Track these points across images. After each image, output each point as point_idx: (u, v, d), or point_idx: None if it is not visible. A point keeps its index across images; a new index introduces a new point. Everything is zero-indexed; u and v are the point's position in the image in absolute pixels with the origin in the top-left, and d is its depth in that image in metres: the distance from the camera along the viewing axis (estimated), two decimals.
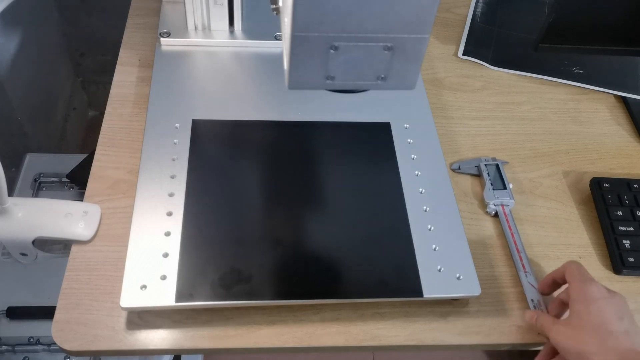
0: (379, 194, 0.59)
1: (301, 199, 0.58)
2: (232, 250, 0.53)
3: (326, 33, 0.34)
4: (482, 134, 0.70)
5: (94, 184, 0.59)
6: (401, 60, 0.37)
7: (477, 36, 0.83)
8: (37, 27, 1.06)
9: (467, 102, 0.74)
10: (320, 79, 0.37)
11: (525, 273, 0.57)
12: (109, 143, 0.63)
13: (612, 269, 0.60)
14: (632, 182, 0.64)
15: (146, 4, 0.79)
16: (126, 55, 0.72)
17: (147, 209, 0.55)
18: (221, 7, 0.69)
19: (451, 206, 0.59)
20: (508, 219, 0.61)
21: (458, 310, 0.55)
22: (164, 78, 0.66)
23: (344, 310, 0.53)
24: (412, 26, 0.35)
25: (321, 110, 0.66)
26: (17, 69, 0.95)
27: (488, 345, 0.53)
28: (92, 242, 0.55)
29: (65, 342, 0.49)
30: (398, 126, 0.65)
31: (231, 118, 0.64)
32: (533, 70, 0.79)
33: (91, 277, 0.53)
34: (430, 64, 0.79)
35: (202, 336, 0.51)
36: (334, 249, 0.54)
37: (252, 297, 0.50)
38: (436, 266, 0.54)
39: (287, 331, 0.52)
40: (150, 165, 0.58)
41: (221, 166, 0.59)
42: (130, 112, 0.66)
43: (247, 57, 0.71)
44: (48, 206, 0.56)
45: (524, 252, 0.58)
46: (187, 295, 0.49)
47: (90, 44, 1.22)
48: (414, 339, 0.52)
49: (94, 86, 1.33)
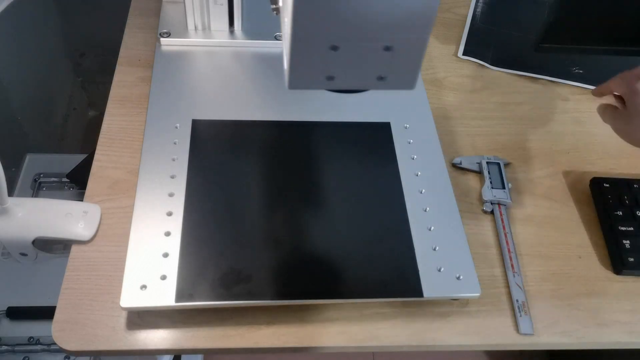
0: (379, 194, 0.59)
1: (301, 199, 0.58)
2: (232, 250, 0.53)
3: (326, 33, 0.34)
4: (482, 134, 0.70)
5: (94, 184, 0.59)
6: (401, 60, 0.37)
7: (477, 36, 0.83)
8: (37, 27, 1.06)
9: (467, 102, 0.74)
10: (320, 79, 0.37)
11: (513, 273, 0.57)
12: (109, 143, 0.63)
13: (612, 269, 0.60)
14: (632, 182, 0.64)
15: (146, 4, 0.79)
16: (126, 55, 0.72)
17: (147, 209, 0.55)
18: (221, 7, 0.69)
19: (451, 206, 0.59)
20: (503, 219, 0.61)
21: (458, 310, 0.55)
22: (164, 78, 0.67)
23: (344, 310, 0.53)
24: (412, 26, 0.35)
25: (321, 110, 0.66)
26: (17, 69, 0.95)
27: (488, 345, 0.53)
28: (92, 242, 0.55)
29: (65, 342, 0.49)
30: (398, 126, 0.65)
31: (231, 118, 0.64)
32: (533, 71, 0.79)
33: (91, 277, 0.53)
34: (430, 64, 0.79)
35: (202, 336, 0.51)
36: (334, 249, 0.54)
37: (252, 297, 0.50)
38: (436, 266, 0.54)
39: (287, 331, 0.52)
40: (150, 165, 0.58)
41: (221, 166, 0.59)
42: (130, 112, 0.66)
43: (247, 57, 0.71)
44: (48, 206, 0.56)
45: (514, 252, 0.59)
46: (187, 295, 0.49)
47: (90, 44, 1.22)
48: (414, 339, 0.52)
49: (94, 86, 1.33)
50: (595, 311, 0.56)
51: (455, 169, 0.66)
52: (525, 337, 0.54)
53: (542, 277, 0.58)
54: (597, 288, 0.58)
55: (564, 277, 0.59)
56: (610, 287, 0.58)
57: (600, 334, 0.55)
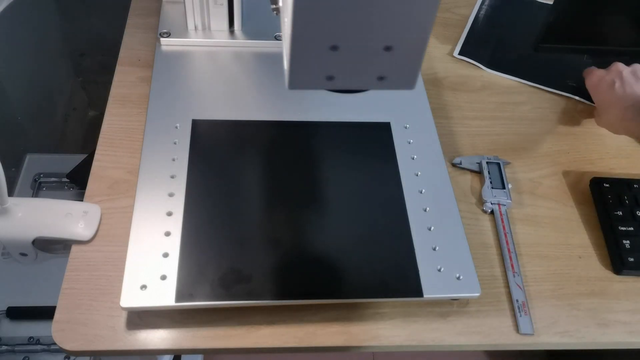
0: (379, 194, 0.59)
1: (301, 199, 0.58)
2: (232, 250, 0.53)
3: (326, 33, 0.34)
4: (482, 134, 0.70)
5: (94, 184, 0.59)
6: (401, 60, 0.36)
7: (476, 37, 0.83)
8: (37, 27, 1.06)
9: (467, 102, 0.74)
10: (320, 79, 0.37)
11: (513, 273, 0.57)
12: (109, 143, 0.63)
13: (612, 269, 0.60)
14: (632, 182, 0.64)
15: (146, 4, 0.79)
16: (126, 55, 0.72)
17: (147, 209, 0.55)
18: (221, 7, 0.69)
19: (451, 206, 0.59)
20: (503, 219, 0.61)
21: (458, 310, 0.55)
22: (164, 78, 0.66)
23: (344, 310, 0.53)
24: (412, 26, 0.35)
25: (321, 110, 0.66)
26: (17, 69, 0.95)
27: (488, 345, 0.53)
28: (92, 242, 0.55)
29: (65, 342, 0.49)
30: (398, 126, 0.65)
31: (231, 118, 0.64)
32: (528, 78, 0.78)
33: (91, 277, 0.53)
34: (430, 64, 0.79)
35: (202, 336, 0.51)
36: (334, 249, 0.54)
37: (252, 297, 0.50)
38: (436, 266, 0.54)
39: (287, 331, 0.52)
40: (150, 165, 0.58)
41: (221, 166, 0.59)
42: (130, 112, 0.66)
43: (247, 57, 0.71)
44: (48, 206, 0.56)
45: (514, 252, 0.59)
46: (187, 295, 0.49)
47: (90, 44, 1.22)
48: (414, 339, 0.52)
49: (94, 86, 1.32)
50: (595, 311, 0.56)
51: (455, 169, 0.66)
52: (525, 337, 0.54)
53: (542, 277, 0.58)
54: (597, 288, 0.58)
55: (564, 277, 0.59)
56: (610, 287, 0.58)
57: (600, 334, 0.55)
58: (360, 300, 0.53)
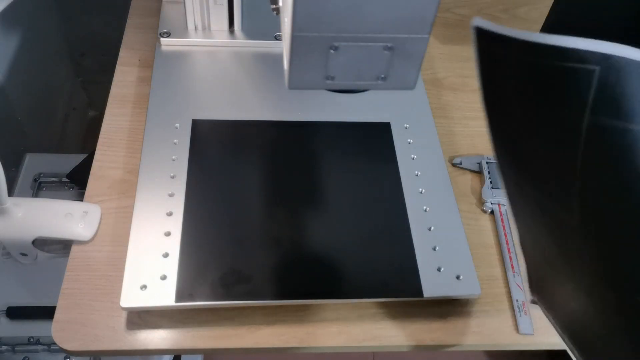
0: (379, 194, 0.59)
1: (301, 199, 0.58)
2: (232, 250, 0.53)
3: (326, 33, 0.34)
4: (482, 134, 0.70)
5: (94, 184, 0.59)
6: (401, 60, 0.37)
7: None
8: (37, 27, 1.06)
9: (467, 102, 0.74)
10: (320, 79, 0.37)
11: (513, 273, 0.57)
12: (109, 143, 0.63)
13: None
14: None
15: (146, 4, 0.79)
16: (126, 55, 0.72)
17: (147, 209, 0.55)
18: (221, 7, 0.69)
19: (451, 206, 0.59)
20: (503, 219, 0.61)
21: (458, 310, 0.55)
22: (164, 78, 0.66)
23: (344, 310, 0.53)
24: (412, 26, 0.35)
25: (321, 110, 0.66)
26: (17, 69, 0.95)
27: (488, 345, 0.53)
28: (92, 242, 0.55)
29: (65, 342, 0.49)
30: (398, 126, 0.65)
31: (231, 118, 0.64)
32: None
33: (91, 277, 0.53)
34: (430, 64, 0.79)
35: (202, 336, 0.51)
36: (334, 249, 0.54)
37: (252, 297, 0.50)
38: (436, 266, 0.54)
39: (287, 331, 0.52)
40: (150, 165, 0.58)
41: (221, 166, 0.59)
42: (130, 112, 0.66)
43: (247, 57, 0.71)
44: (48, 206, 0.56)
45: (514, 252, 0.59)
46: (187, 295, 0.49)
47: (90, 44, 1.22)
48: (414, 339, 0.52)
49: (94, 86, 1.32)
50: None
51: (455, 169, 0.66)
52: (525, 337, 0.54)
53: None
54: None
55: None
56: None
57: None
58: (360, 300, 0.53)
